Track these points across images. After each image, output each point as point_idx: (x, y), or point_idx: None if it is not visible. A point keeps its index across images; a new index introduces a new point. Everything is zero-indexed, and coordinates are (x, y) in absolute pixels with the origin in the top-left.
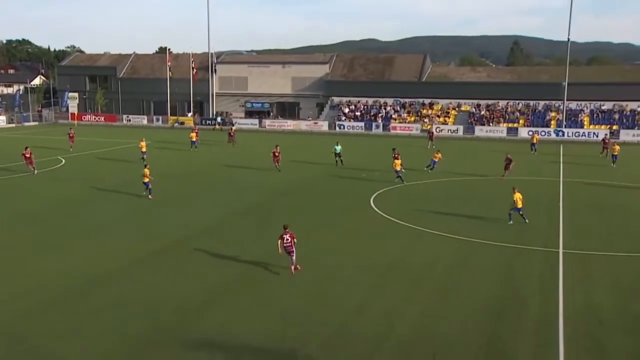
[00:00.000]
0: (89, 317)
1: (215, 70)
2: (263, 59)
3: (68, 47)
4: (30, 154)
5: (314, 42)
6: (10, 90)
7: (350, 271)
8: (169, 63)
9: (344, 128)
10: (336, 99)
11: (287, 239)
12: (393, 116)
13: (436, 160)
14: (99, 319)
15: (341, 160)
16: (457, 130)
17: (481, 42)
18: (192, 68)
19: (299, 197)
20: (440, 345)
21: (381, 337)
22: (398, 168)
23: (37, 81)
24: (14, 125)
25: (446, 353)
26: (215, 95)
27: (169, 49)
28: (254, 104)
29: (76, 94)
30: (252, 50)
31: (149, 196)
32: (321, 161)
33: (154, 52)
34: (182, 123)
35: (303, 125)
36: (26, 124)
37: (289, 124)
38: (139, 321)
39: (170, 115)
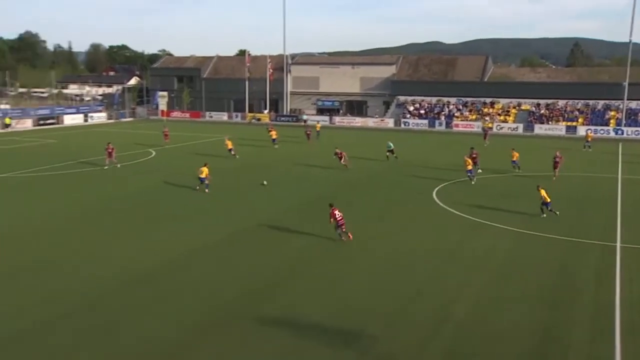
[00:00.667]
0: (169, 295)
1: (289, 70)
2: (334, 60)
3: (159, 51)
4: (112, 148)
5: (381, 45)
6: (110, 90)
7: (410, 257)
8: (248, 64)
9: (408, 125)
10: (402, 98)
11: (339, 214)
12: (455, 114)
13: (516, 160)
14: (176, 298)
15: (395, 156)
16: (516, 128)
17: (541, 44)
18: (269, 69)
19: (364, 189)
20: (497, 330)
21: (439, 320)
22: (469, 168)
23: (132, 82)
24: (113, 120)
25: (502, 338)
26: (290, 94)
27: (248, 52)
28: (324, 102)
29: (165, 93)
30: (323, 52)
31: (205, 190)
32: (388, 156)
33: (235, 54)
34: (259, 119)
35: (370, 122)
36: (123, 119)
37: (357, 121)
38: (211, 301)
39: (248, 112)
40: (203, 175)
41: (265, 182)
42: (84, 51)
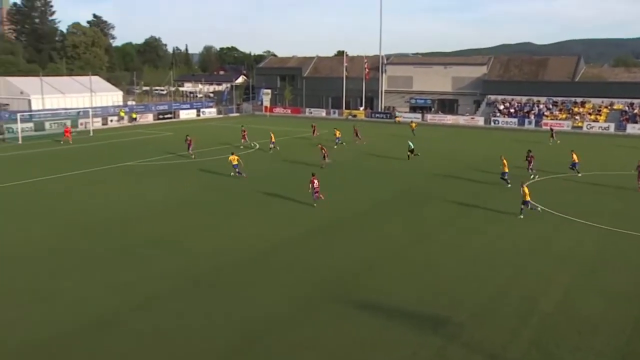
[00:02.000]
0: (270, 276)
1: (385, 70)
2: (427, 60)
3: (264, 52)
4: (190, 140)
5: (473, 46)
6: (220, 87)
7: (496, 251)
8: (346, 64)
9: (498, 123)
10: (492, 97)
11: (317, 184)
12: (545, 113)
13: (576, 161)
14: (276, 279)
15: (415, 155)
16: (608, 127)
17: (637, 44)
18: (365, 68)
19: (453, 183)
20: (584, 324)
21: (526, 313)
22: (505, 170)
23: (240, 80)
24: (221, 115)
25: (590, 332)
26: (384, 92)
27: (345, 52)
28: (417, 100)
29: (269, 91)
30: (417, 53)
31: (238, 174)
32: (475, 153)
33: (333, 54)
34: (355, 116)
35: (461, 120)
36: (230, 115)
37: (448, 119)
38: (307, 283)
39: (345, 108)
40: (235, 162)
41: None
42: (198, 53)
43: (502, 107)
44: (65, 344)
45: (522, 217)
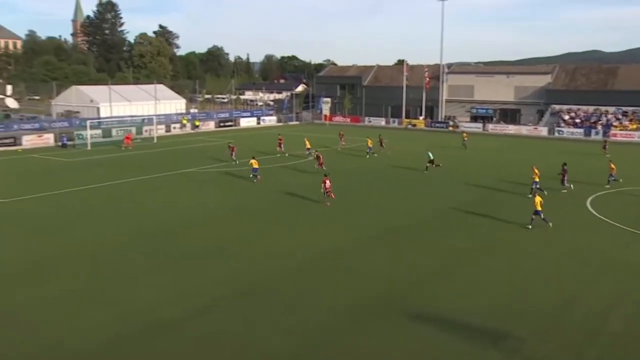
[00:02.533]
0: (325, 283)
1: (445, 79)
2: (488, 69)
3: (324, 61)
4: (233, 147)
5: (537, 54)
6: (280, 96)
7: (564, 264)
8: (406, 73)
9: (562, 134)
10: (556, 107)
11: (329, 184)
12: (614, 124)
13: (614, 173)
14: (331, 286)
15: (436, 166)
16: None
17: None
18: (425, 77)
19: (508, 193)
20: None
21: (593, 330)
22: (536, 179)
23: (300, 89)
24: (281, 124)
25: None
26: (445, 102)
27: (405, 61)
28: (478, 110)
29: (329, 99)
30: (479, 62)
31: (255, 180)
32: (535, 164)
33: (393, 63)
34: (414, 125)
35: (523, 130)
36: (290, 122)
37: (510, 129)
38: (364, 290)
39: (405, 118)
40: (255, 166)
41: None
42: (259, 62)
43: (567, 117)
44: (126, 348)
45: (530, 227)
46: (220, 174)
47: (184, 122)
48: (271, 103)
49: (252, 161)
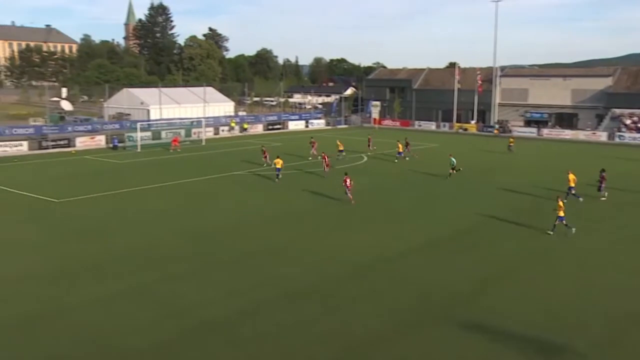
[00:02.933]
0: (378, 289)
1: (499, 82)
2: (544, 72)
3: (374, 63)
4: (265, 151)
5: (596, 56)
6: (329, 99)
7: (621, 275)
8: (457, 76)
9: (624, 139)
10: (617, 111)
11: (349, 181)
12: None
13: None
14: (384, 293)
15: (457, 170)
16: None
17: None
18: (477, 80)
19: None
20: None
21: None
22: (572, 184)
23: (348, 92)
24: (330, 127)
25: None
26: (497, 105)
27: (457, 64)
28: (533, 114)
29: (378, 103)
30: (533, 65)
31: (276, 179)
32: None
33: (445, 66)
34: (466, 129)
35: (581, 135)
36: (338, 126)
37: (567, 134)
38: (414, 298)
39: (456, 122)
40: (279, 166)
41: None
42: (307, 64)
43: (629, 121)
44: (176, 348)
45: (551, 233)
46: (267, 177)
47: (233, 124)
48: (320, 106)
49: (277, 160)
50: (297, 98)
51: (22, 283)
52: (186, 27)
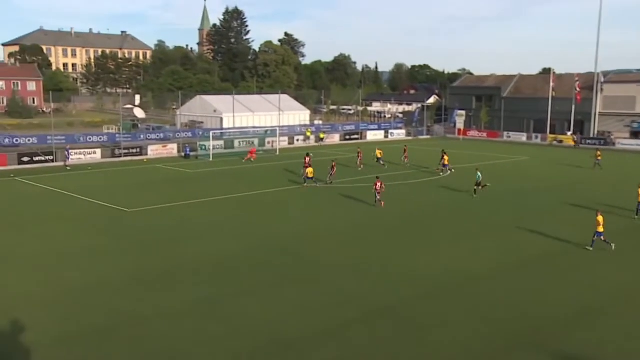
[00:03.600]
0: (452, 311)
1: (600, 89)
2: None
3: (459, 70)
4: (309, 157)
5: None
6: (410, 108)
7: None
8: (553, 83)
9: None
10: None
11: (379, 185)
12: None
13: None
14: (463, 314)
15: (484, 186)
16: None
17: None
18: (576, 88)
19: None
20: None
21: None
22: None
23: (431, 100)
24: (411, 137)
25: None
26: (598, 115)
27: (552, 70)
28: None
29: (463, 112)
30: None
31: (313, 184)
32: None
33: (538, 72)
34: (561, 141)
35: None
36: (420, 137)
37: None
38: (501, 323)
39: (550, 133)
40: (310, 176)
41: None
42: (388, 71)
43: None
44: None
45: (591, 248)
46: (344, 189)
47: (308, 134)
48: (400, 115)
49: (308, 169)
50: (376, 106)
51: (94, 293)
52: (261, 32)
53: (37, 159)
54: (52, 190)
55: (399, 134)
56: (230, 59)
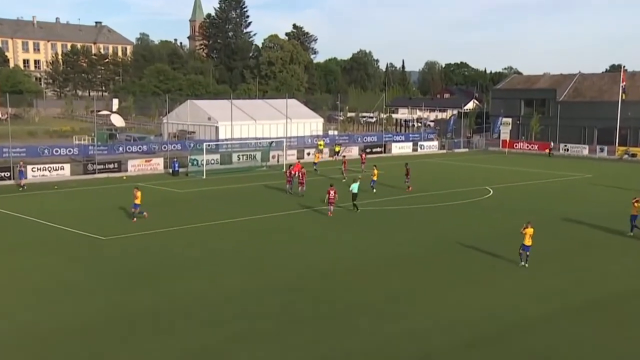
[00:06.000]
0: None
1: None
2: None
3: (505, 68)
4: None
5: None
6: (443, 115)
7: None
8: (623, 83)
9: None
10: None
11: (332, 194)
12: None
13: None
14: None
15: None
16: None
17: None
18: None
19: None
20: None
21: None
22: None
23: (470, 106)
24: (444, 151)
25: None
26: None
27: (623, 67)
28: None
29: (509, 120)
30: None
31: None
32: None
33: (603, 70)
34: (634, 155)
35: None
36: (456, 150)
37: None
38: None
39: (619, 144)
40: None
41: None
42: (417, 70)
43: None
44: None
45: (631, 234)
46: (372, 212)
47: (320, 146)
48: (431, 124)
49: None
50: (402, 114)
51: (67, 338)
52: (265, 24)
53: None
54: (8, 214)
55: (430, 146)
56: (228, 56)
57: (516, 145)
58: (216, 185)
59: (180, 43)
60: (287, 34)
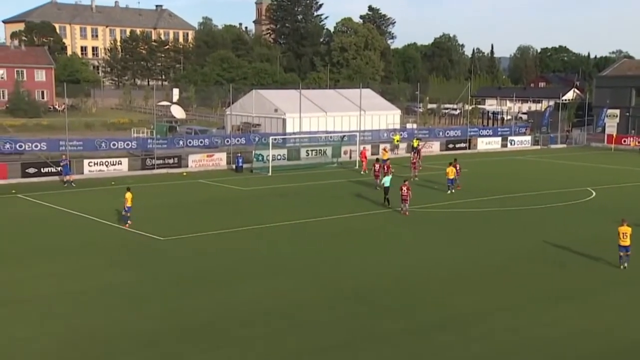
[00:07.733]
0: None
1: None
2: None
3: (612, 52)
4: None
5: None
6: (537, 106)
7: None
8: None
9: None
10: None
11: (405, 190)
12: None
13: None
14: None
15: None
16: None
17: None
18: None
19: None
20: None
21: None
22: None
23: (569, 96)
24: (539, 147)
25: None
26: None
27: None
28: None
29: (617, 111)
30: None
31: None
32: None
33: None
34: None
35: None
36: (552, 146)
37: None
38: None
39: None
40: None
41: None
42: (508, 56)
43: None
44: None
45: None
46: (446, 214)
47: (396, 140)
48: (524, 117)
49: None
50: (491, 105)
51: (120, 347)
52: (338, 6)
53: (45, 170)
54: (63, 211)
55: (522, 142)
56: (297, 42)
57: (624, 141)
58: (283, 182)
59: (246, 28)
60: (361, 17)
